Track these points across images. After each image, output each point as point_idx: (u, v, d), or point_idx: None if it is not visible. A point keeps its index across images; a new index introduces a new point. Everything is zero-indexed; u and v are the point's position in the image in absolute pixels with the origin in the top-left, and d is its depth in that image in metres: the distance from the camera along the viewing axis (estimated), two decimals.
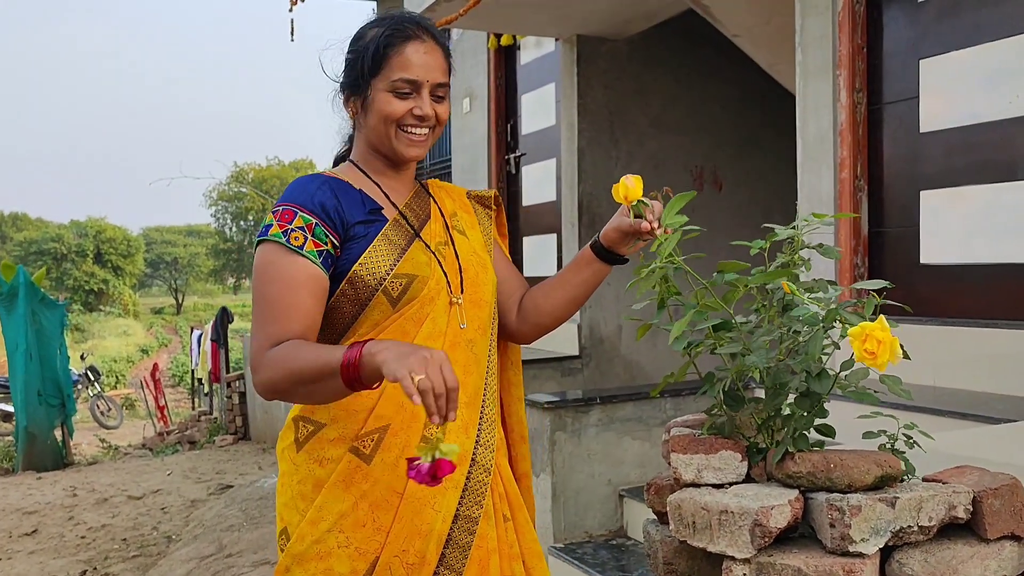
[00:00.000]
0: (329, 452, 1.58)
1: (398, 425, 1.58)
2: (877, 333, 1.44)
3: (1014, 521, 1.62)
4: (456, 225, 1.77)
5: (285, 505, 1.61)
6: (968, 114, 3.49)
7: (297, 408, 1.64)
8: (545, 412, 3.38)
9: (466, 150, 7.98)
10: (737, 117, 6.73)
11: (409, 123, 1.63)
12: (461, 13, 5.10)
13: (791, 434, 1.67)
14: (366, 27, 1.68)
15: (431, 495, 1.57)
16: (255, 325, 1.53)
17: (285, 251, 1.52)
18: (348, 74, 1.66)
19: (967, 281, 3.52)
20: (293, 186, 1.61)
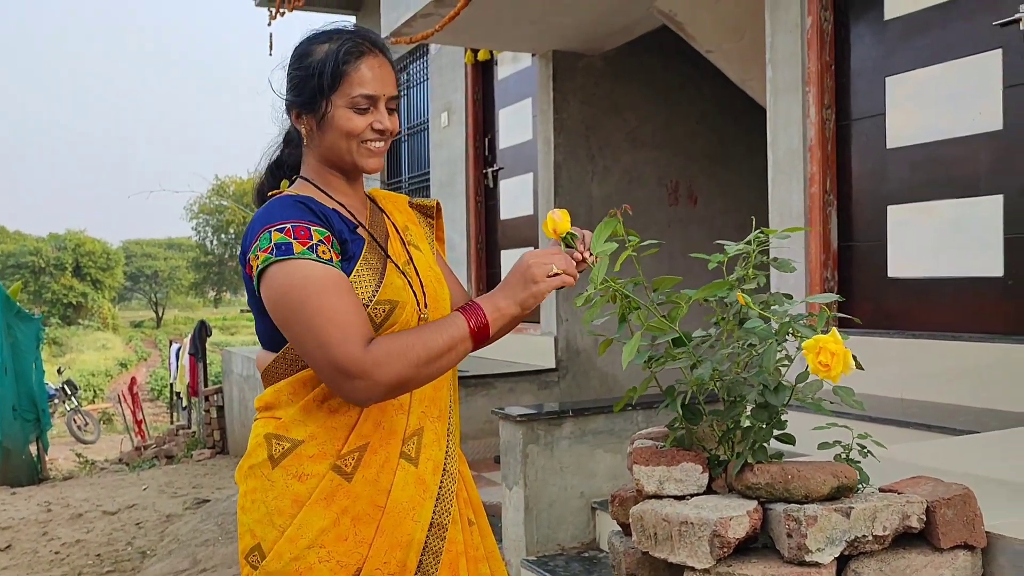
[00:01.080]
0: (309, 468, 1.57)
1: (377, 443, 1.60)
2: (830, 346, 1.47)
3: (967, 530, 1.65)
4: (410, 240, 1.79)
5: (258, 521, 1.59)
6: (933, 130, 3.55)
7: (269, 426, 1.62)
8: (517, 425, 3.40)
9: (444, 164, 8.02)
10: (711, 132, 6.80)
11: (369, 137, 1.65)
12: (437, 28, 5.14)
13: (750, 446, 1.70)
14: (310, 43, 1.67)
15: (411, 507, 1.61)
16: (321, 338, 1.47)
17: (318, 263, 1.51)
18: (299, 92, 1.65)
19: (933, 295, 3.58)
20: (280, 208, 1.57)
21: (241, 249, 1.62)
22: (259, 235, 1.53)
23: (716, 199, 6.78)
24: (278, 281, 1.51)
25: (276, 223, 1.53)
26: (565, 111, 6.32)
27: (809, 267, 3.94)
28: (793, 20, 4.04)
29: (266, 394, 1.64)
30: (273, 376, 1.64)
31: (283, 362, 1.63)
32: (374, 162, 1.68)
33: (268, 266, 1.51)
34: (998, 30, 3.30)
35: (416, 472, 1.63)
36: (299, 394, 1.60)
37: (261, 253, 1.52)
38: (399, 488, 1.60)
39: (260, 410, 1.66)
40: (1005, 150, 3.29)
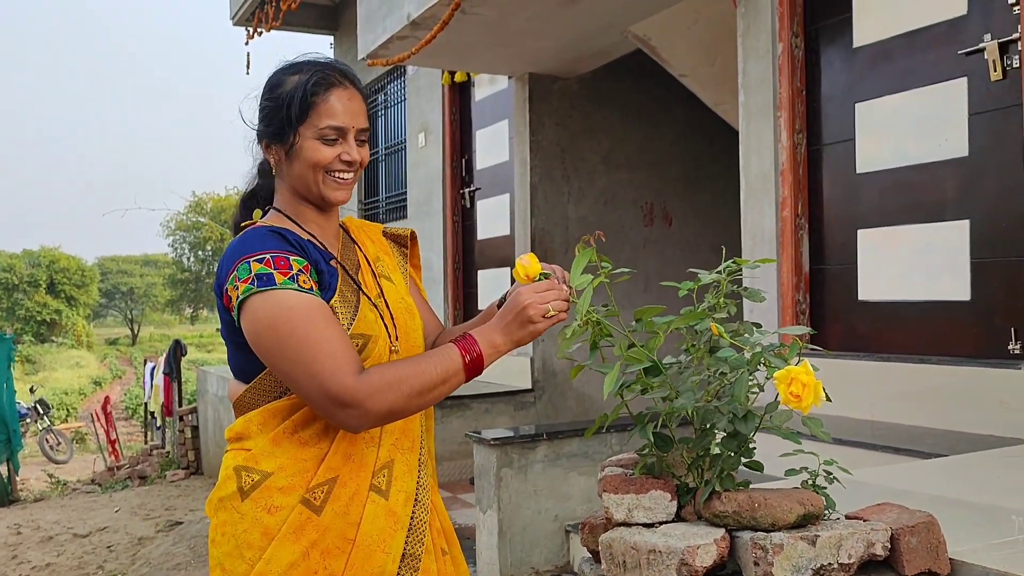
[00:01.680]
0: (278, 500, 1.57)
1: (346, 475, 1.60)
2: (802, 377, 1.49)
3: (931, 558, 1.67)
4: (382, 271, 1.78)
5: (228, 555, 1.58)
6: (901, 156, 3.61)
7: (239, 458, 1.61)
8: (491, 448, 3.40)
9: (421, 184, 8.03)
10: (686, 154, 6.86)
11: (337, 168, 1.65)
12: (414, 51, 5.16)
13: (718, 474, 1.71)
14: (281, 74, 1.68)
15: (381, 539, 1.60)
16: (312, 368, 1.46)
17: (300, 293, 1.51)
18: (269, 122, 1.65)
19: (902, 318, 3.62)
20: (256, 239, 1.56)
21: (216, 280, 1.60)
22: (236, 266, 1.52)
23: (691, 220, 6.83)
24: (262, 312, 1.50)
25: (254, 253, 1.52)
26: (541, 133, 6.36)
27: (781, 290, 3.98)
28: (764, 46, 4.09)
29: (236, 424, 1.63)
30: (244, 406, 1.64)
31: (255, 392, 1.62)
32: (341, 194, 1.68)
33: (249, 297, 1.51)
34: (963, 59, 3.36)
35: (387, 504, 1.62)
36: (269, 424, 1.60)
37: (241, 284, 1.51)
38: (369, 521, 1.59)
39: (231, 441, 1.65)
40: (971, 176, 3.35)
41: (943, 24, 3.46)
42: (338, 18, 10.14)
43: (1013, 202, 3.16)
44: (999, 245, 3.25)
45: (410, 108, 8.28)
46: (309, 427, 1.59)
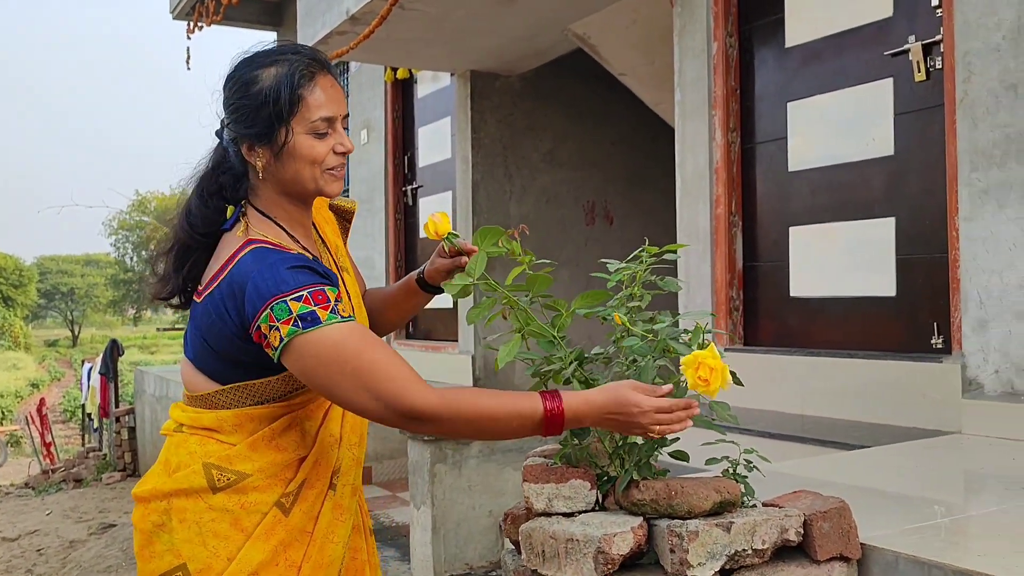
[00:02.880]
0: (252, 497, 1.58)
1: (313, 478, 1.64)
2: (709, 361, 1.50)
3: (842, 542, 1.70)
4: (342, 263, 1.78)
5: (188, 541, 1.56)
6: (830, 155, 3.67)
7: (210, 451, 1.58)
8: (425, 445, 3.38)
9: (364, 181, 7.98)
10: (627, 153, 6.91)
11: (333, 164, 1.61)
12: (352, 46, 5.13)
13: (634, 462, 1.72)
14: (251, 68, 1.59)
15: (331, 530, 1.64)
16: (378, 392, 1.46)
17: (344, 324, 1.49)
18: (251, 123, 1.56)
19: (831, 314, 3.69)
20: (285, 273, 1.49)
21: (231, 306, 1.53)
22: (270, 305, 1.47)
23: (632, 219, 6.88)
24: (312, 352, 1.47)
25: (290, 292, 1.47)
26: (483, 130, 6.36)
27: (715, 287, 4.03)
28: (700, 45, 4.14)
29: (205, 417, 1.60)
30: (213, 403, 1.61)
31: (230, 395, 1.60)
32: (337, 187, 1.65)
33: (293, 339, 1.47)
34: (889, 60, 3.43)
35: (335, 498, 1.67)
36: (245, 428, 1.59)
37: (283, 326, 1.47)
38: (324, 515, 1.64)
39: (195, 428, 1.61)
40: (897, 174, 3.42)
41: (870, 26, 3.53)
42: (281, 13, 10.02)
43: (935, 200, 3.23)
44: (923, 242, 3.32)
45: (353, 105, 8.22)
46: (287, 434, 1.61)
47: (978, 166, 2.93)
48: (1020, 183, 2.81)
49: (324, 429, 1.66)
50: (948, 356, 3.12)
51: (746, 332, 4.03)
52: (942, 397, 3.07)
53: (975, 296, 2.94)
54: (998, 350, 2.87)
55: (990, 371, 2.90)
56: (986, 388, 2.91)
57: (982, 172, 2.92)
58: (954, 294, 3.06)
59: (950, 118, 3.06)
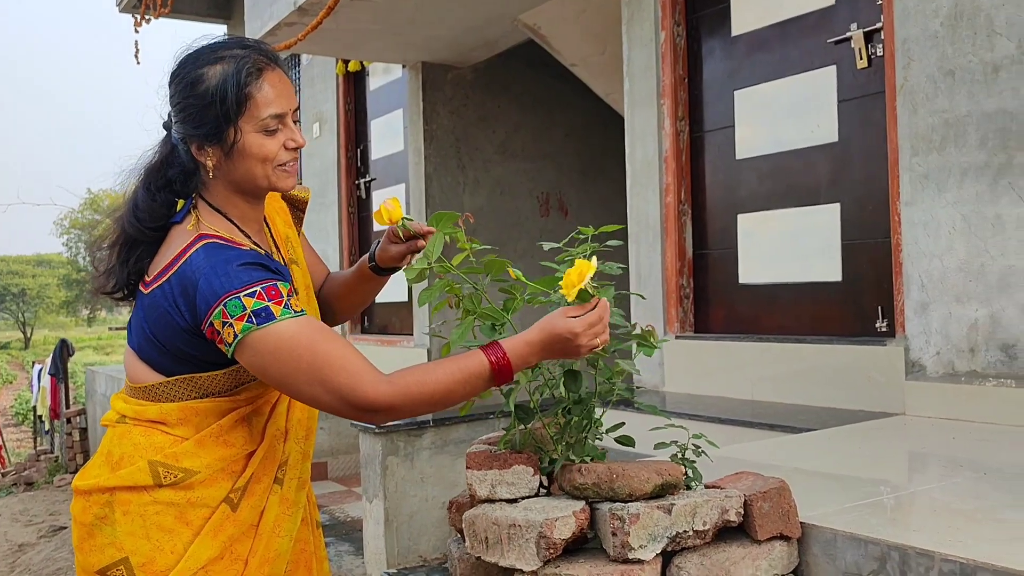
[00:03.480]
0: (199, 492, 1.56)
1: (260, 472, 1.63)
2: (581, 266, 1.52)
3: (782, 522, 1.72)
4: (291, 255, 1.76)
5: (131, 534, 1.54)
6: (776, 142, 3.71)
7: (158, 452, 1.55)
8: (377, 437, 3.36)
9: (317, 175, 7.90)
10: (580, 144, 6.92)
11: (285, 160, 1.58)
12: (300, 38, 5.07)
13: (572, 444, 1.73)
14: (197, 66, 1.55)
15: (277, 524, 1.64)
16: (332, 386, 1.46)
17: (298, 318, 1.48)
18: (199, 123, 1.54)
19: (779, 300, 3.73)
20: (238, 270, 1.48)
21: (183, 302, 1.51)
22: (223, 301, 1.46)
23: (587, 210, 6.90)
24: (267, 348, 1.46)
25: (243, 288, 1.46)
26: (435, 122, 6.33)
27: (666, 275, 4.05)
28: (648, 34, 4.15)
29: (149, 410, 1.58)
30: (157, 395, 1.58)
31: (173, 388, 1.58)
32: (291, 182, 1.63)
33: (248, 335, 1.46)
34: (832, 47, 3.47)
35: (281, 492, 1.66)
36: (190, 422, 1.57)
37: (237, 322, 1.46)
38: (270, 509, 1.63)
39: (138, 420, 1.58)
40: (840, 161, 3.46)
41: (814, 14, 3.57)
42: (230, 5, 9.89)
43: (878, 185, 3.27)
44: (867, 227, 3.36)
45: (304, 98, 8.14)
46: (236, 430, 1.60)
47: (918, 151, 2.97)
48: (958, 168, 2.86)
49: (271, 424, 1.65)
50: (892, 339, 3.17)
51: (696, 319, 4.06)
52: (886, 379, 3.11)
53: (917, 279, 2.99)
54: (939, 332, 2.92)
55: (931, 353, 2.95)
56: (928, 370, 2.96)
57: (922, 157, 2.96)
58: (897, 278, 3.11)
59: (891, 104, 3.10)
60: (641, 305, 4.14)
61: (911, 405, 2.97)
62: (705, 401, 3.64)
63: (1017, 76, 2.71)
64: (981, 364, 2.81)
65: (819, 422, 3.05)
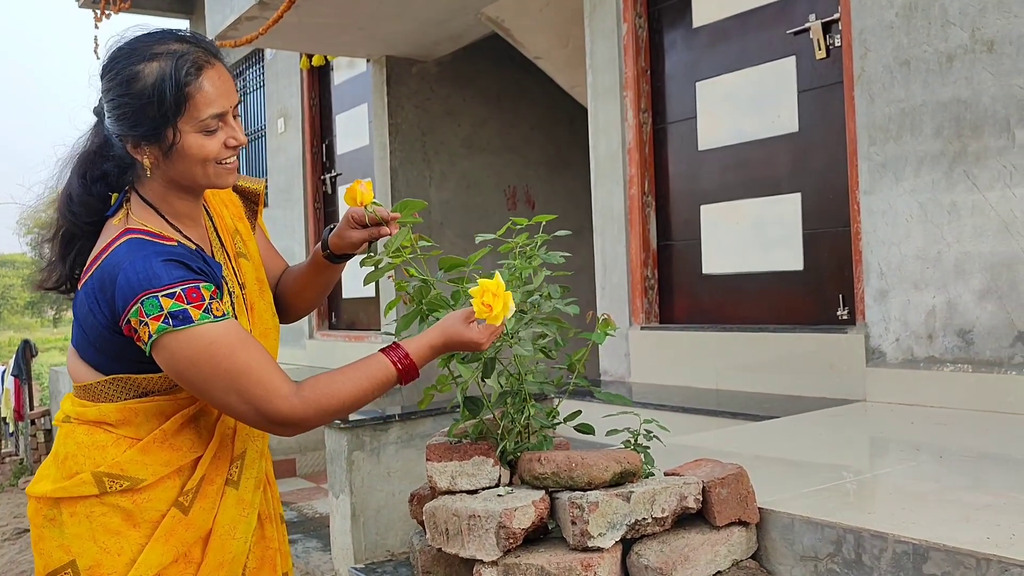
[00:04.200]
0: (146, 495, 1.53)
1: (212, 474, 1.60)
2: (492, 287, 1.52)
3: (740, 508, 1.73)
4: (239, 249, 1.72)
5: (77, 536, 1.51)
6: (738, 133, 3.73)
7: (102, 464, 1.52)
8: (342, 432, 3.34)
9: (282, 170, 7.84)
10: (546, 138, 6.92)
11: (225, 156, 1.54)
12: (262, 32, 5.02)
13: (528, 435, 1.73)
14: (133, 63, 1.49)
15: (232, 527, 1.60)
16: (246, 397, 1.44)
17: (218, 324, 1.44)
18: (135, 122, 1.49)
19: (742, 289, 3.75)
20: (159, 268, 1.44)
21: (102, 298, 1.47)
22: (140, 299, 1.42)
23: (553, 203, 6.90)
24: (182, 353, 1.43)
25: (162, 288, 1.42)
26: (400, 116, 6.30)
27: (631, 266, 4.06)
28: (610, 27, 4.16)
29: (90, 411, 1.55)
30: (96, 395, 1.55)
31: (111, 387, 1.55)
32: (232, 178, 1.59)
33: (163, 336, 1.42)
34: (791, 38, 3.50)
35: (237, 494, 1.62)
36: (131, 422, 1.54)
37: (152, 321, 1.41)
38: (223, 512, 1.60)
39: (86, 422, 1.55)
40: (801, 151, 3.49)
41: (773, 5, 3.59)
42: (191, 0, 9.77)
43: (838, 175, 3.30)
44: (827, 216, 3.40)
45: (269, 94, 8.06)
46: (182, 433, 1.56)
47: (876, 140, 3.00)
48: (915, 156, 2.89)
49: (221, 422, 1.61)
50: (852, 327, 3.20)
51: (661, 310, 4.08)
52: (848, 367, 3.15)
53: (876, 267, 3.02)
54: (898, 319, 2.96)
55: (891, 340, 2.98)
56: (888, 356, 2.99)
57: (879, 146, 2.99)
58: (857, 266, 3.14)
59: (849, 94, 3.13)
60: (606, 296, 4.15)
61: (872, 391, 3.00)
62: (670, 391, 3.66)
63: (970, 65, 2.75)
64: (939, 350, 2.85)
65: (783, 410, 3.08)
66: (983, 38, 2.72)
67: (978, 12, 2.73)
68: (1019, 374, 2.63)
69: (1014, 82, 2.65)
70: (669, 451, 2.06)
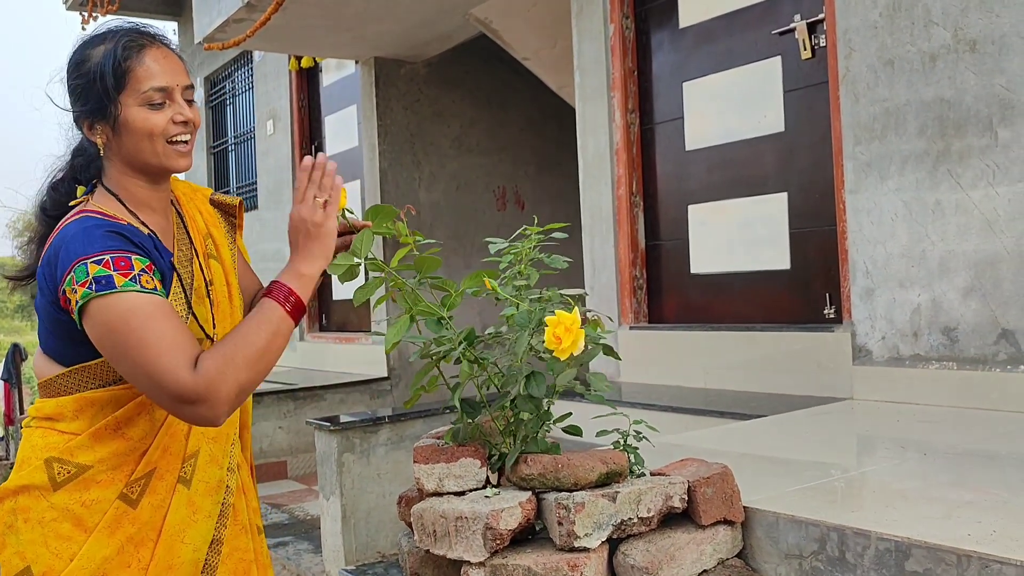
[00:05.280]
0: (95, 494, 1.52)
1: (163, 468, 1.58)
2: (567, 322, 1.53)
3: (726, 507, 1.74)
4: (210, 251, 1.73)
5: (32, 542, 1.51)
6: (725, 133, 3.75)
7: (51, 443, 1.53)
8: (332, 434, 3.35)
9: (271, 172, 7.83)
10: (535, 138, 6.94)
11: (173, 132, 1.57)
12: (249, 34, 5.02)
13: (522, 437, 1.73)
14: (84, 49, 1.58)
15: (181, 528, 1.58)
16: (151, 370, 1.40)
17: (141, 294, 1.43)
18: (85, 100, 1.55)
19: (730, 289, 3.77)
20: (96, 237, 1.46)
21: (48, 270, 1.50)
22: (73, 267, 1.43)
23: (543, 203, 6.92)
24: (100, 318, 1.42)
25: (93, 255, 1.43)
26: (389, 117, 6.30)
27: (619, 266, 4.08)
28: (597, 27, 4.17)
29: (47, 405, 1.56)
30: (57, 389, 1.56)
31: (71, 379, 1.55)
32: (184, 161, 1.60)
33: (88, 302, 1.42)
34: (777, 39, 3.52)
35: (188, 494, 1.61)
36: (85, 413, 1.54)
37: (79, 287, 1.42)
38: (173, 511, 1.58)
39: (39, 419, 1.57)
40: (787, 150, 3.51)
41: (759, 5, 3.61)
42: (180, 2, 9.75)
43: (823, 174, 3.32)
44: (813, 215, 3.42)
45: (258, 96, 8.06)
46: (135, 423, 1.55)
47: (861, 140, 3.02)
48: (899, 155, 2.91)
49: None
50: (839, 325, 3.22)
51: (650, 310, 4.09)
52: (834, 365, 3.17)
53: (862, 266, 3.04)
54: (884, 317, 2.98)
55: (877, 338, 3.00)
56: (874, 354, 3.01)
57: (864, 146, 3.01)
58: (843, 265, 3.16)
59: (834, 94, 3.15)
60: (595, 297, 4.17)
61: (858, 389, 3.02)
62: (659, 390, 3.68)
63: (953, 65, 2.77)
64: (924, 348, 2.87)
65: (771, 408, 3.09)
66: (966, 38, 2.74)
67: (960, 12, 2.75)
68: (1003, 371, 2.65)
69: (996, 81, 2.67)
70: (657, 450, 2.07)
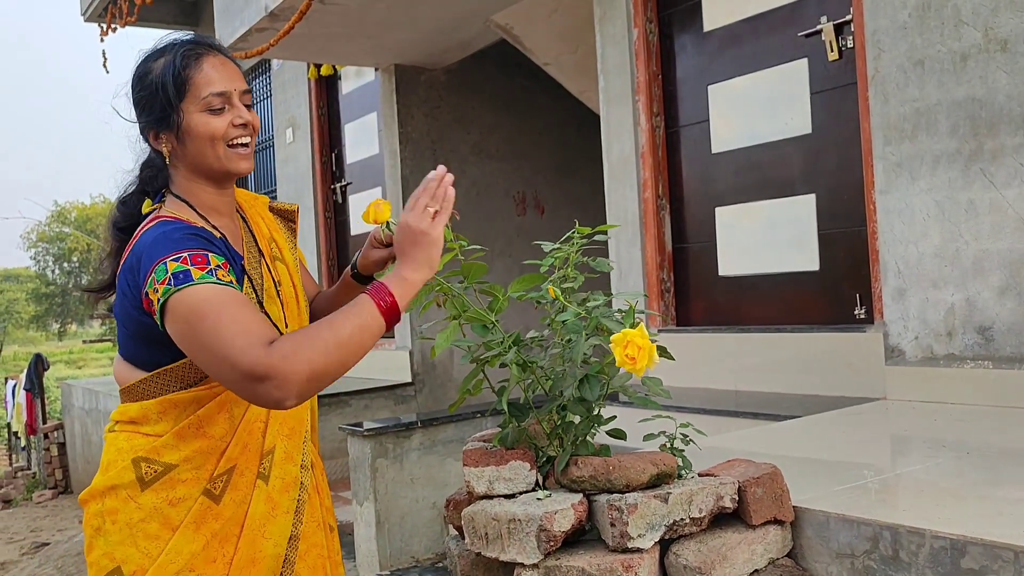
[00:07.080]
0: (181, 492, 1.56)
1: (243, 464, 1.62)
2: (637, 340, 1.53)
3: (776, 506, 1.75)
4: (275, 254, 1.77)
5: (121, 543, 1.55)
6: (751, 135, 3.76)
7: (137, 445, 1.57)
8: (365, 440, 3.37)
9: (291, 180, 7.88)
10: (555, 143, 6.96)
11: (233, 135, 1.62)
12: (272, 43, 5.06)
13: (572, 440, 1.75)
14: (146, 63, 1.65)
15: (261, 524, 1.62)
16: (225, 351, 1.39)
17: (217, 285, 1.45)
18: (149, 111, 1.62)
19: (759, 290, 3.78)
20: (174, 240, 1.49)
21: (130, 272, 1.53)
22: (154, 268, 1.47)
23: (563, 208, 6.93)
24: (180, 311, 1.44)
25: (170, 254, 1.47)
26: (410, 124, 6.33)
27: (646, 269, 4.09)
28: (621, 32, 4.19)
29: (131, 409, 1.60)
30: (139, 394, 1.60)
31: (155, 383, 1.59)
32: (245, 164, 1.65)
33: (168, 298, 1.45)
34: (803, 41, 3.52)
35: (266, 490, 1.64)
36: (169, 415, 1.58)
37: (160, 286, 1.45)
38: (254, 506, 1.62)
39: (123, 423, 1.61)
40: (814, 152, 3.51)
41: (784, 8, 3.62)
42: (198, 13, 9.83)
43: (852, 175, 3.33)
44: (842, 216, 3.42)
45: (276, 103, 8.11)
46: (215, 421, 1.59)
47: (891, 140, 3.03)
48: (930, 155, 2.92)
49: (250, 411, 1.62)
50: (871, 325, 3.22)
51: (678, 313, 4.10)
52: (866, 365, 3.17)
53: (893, 266, 3.05)
54: (917, 317, 2.98)
55: (910, 338, 3.00)
56: (907, 355, 3.01)
57: (895, 146, 3.01)
58: (874, 265, 3.16)
59: (863, 95, 3.16)
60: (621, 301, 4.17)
61: (892, 389, 3.02)
62: (689, 393, 3.69)
63: (984, 64, 2.77)
64: (959, 347, 2.87)
65: (802, 409, 3.10)
66: (997, 37, 2.74)
67: (991, 12, 2.75)
68: None
69: None
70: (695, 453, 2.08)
